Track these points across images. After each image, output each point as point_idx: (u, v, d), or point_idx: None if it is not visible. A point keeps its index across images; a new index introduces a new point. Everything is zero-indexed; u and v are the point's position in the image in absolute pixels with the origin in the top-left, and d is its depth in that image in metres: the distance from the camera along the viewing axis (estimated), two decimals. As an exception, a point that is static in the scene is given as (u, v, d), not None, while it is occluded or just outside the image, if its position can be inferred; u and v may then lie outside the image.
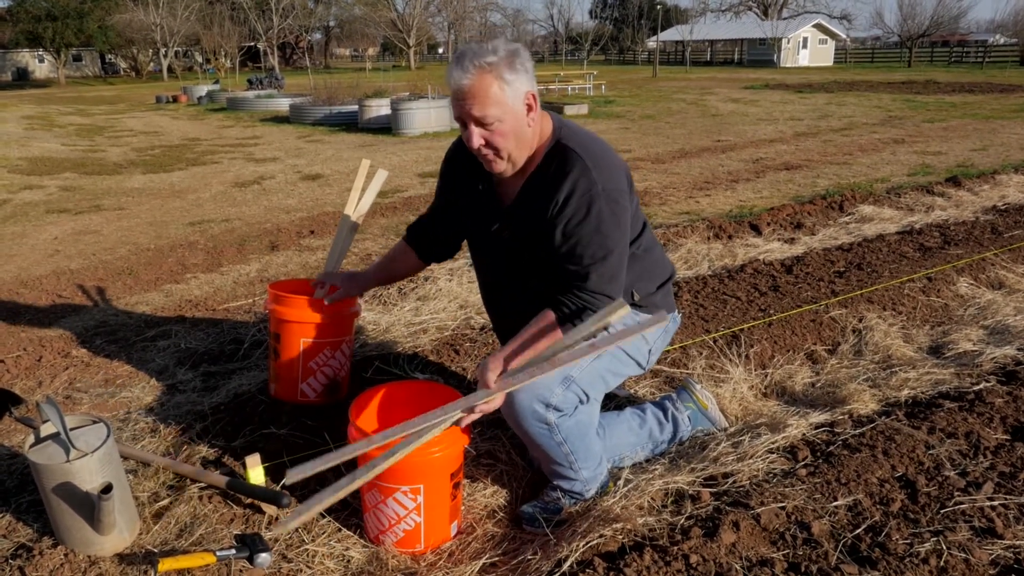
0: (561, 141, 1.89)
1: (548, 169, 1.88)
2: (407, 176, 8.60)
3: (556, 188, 1.84)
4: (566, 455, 2.00)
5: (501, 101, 1.77)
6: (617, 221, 1.85)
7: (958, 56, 45.78)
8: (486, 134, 1.81)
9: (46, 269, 5.00)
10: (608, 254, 1.84)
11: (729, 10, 65.66)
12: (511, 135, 1.81)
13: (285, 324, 2.55)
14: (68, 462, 1.85)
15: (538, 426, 1.93)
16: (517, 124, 1.81)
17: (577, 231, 1.82)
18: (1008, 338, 3.19)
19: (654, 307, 2.12)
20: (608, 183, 1.84)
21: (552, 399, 1.90)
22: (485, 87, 1.75)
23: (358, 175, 2.70)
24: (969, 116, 13.85)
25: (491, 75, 1.75)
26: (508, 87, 1.77)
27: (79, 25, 45.94)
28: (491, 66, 1.74)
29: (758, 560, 1.76)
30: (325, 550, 1.99)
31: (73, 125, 16.67)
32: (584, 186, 1.82)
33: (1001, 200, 6.06)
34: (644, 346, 2.12)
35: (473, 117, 1.78)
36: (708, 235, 5.12)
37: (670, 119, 14.62)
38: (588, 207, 1.81)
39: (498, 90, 1.76)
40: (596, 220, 1.82)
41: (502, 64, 1.75)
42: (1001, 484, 2.03)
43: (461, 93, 1.77)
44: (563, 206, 1.82)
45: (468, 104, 1.77)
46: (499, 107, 1.77)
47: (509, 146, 1.83)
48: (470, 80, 1.74)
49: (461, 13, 57.93)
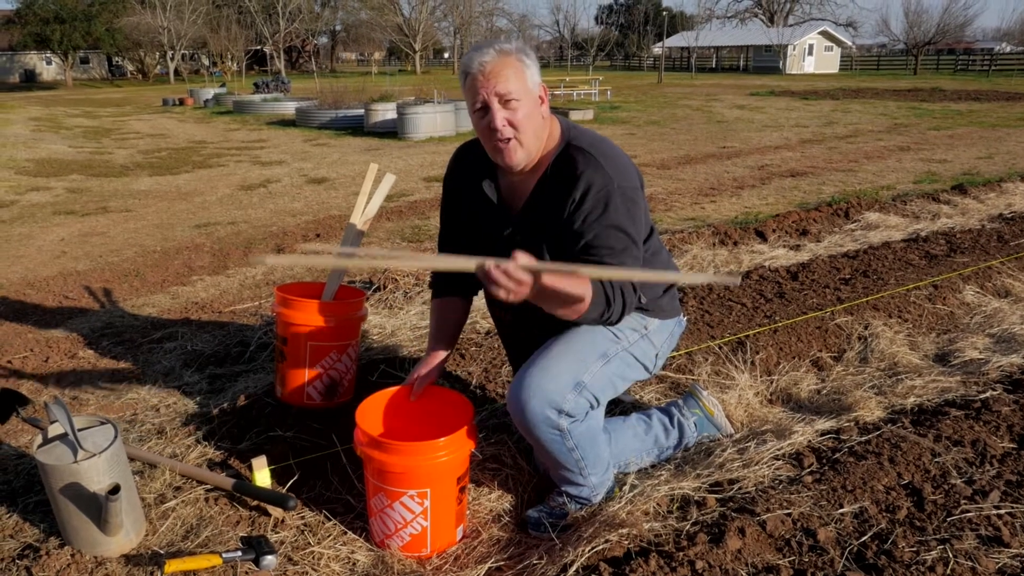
0: (571, 143, 1.91)
1: (560, 171, 1.89)
2: (413, 180, 8.62)
3: (571, 187, 1.85)
4: (577, 461, 2.00)
5: (522, 80, 1.82)
6: (633, 217, 1.87)
7: (964, 64, 45.79)
8: (508, 114, 1.83)
9: (53, 270, 5.02)
10: (626, 247, 1.86)
11: (735, 17, 65.78)
12: (529, 120, 1.85)
13: (292, 327, 2.56)
14: (76, 463, 1.86)
15: (551, 432, 1.92)
16: (533, 110, 1.86)
17: (595, 226, 1.84)
18: (1015, 346, 3.19)
19: (660, 311, 2.12)
20: (622, 180, 1.86)
21: (565, 405, 1.90)
22: (507, 64, 1.81)
23: (366, 179, 2.70)
24: (975, 124, 13.84)
25: (512, 56, 1.82)
26: (527, 69, 1.83)
27: (87, 28, 46.22)
28: (511, 50, 1.83)
29: (764, 567, 1.76)
30: (331, 553, 1.99)
31: (80, 127, 16.75)
32: (600, 182, 1.83)
33: (1007, 208, 6.05)
34: (651, 350, 2.12)
35: (497, 94, 1.81)
36: (713, 241, 5.12)
37: (675, 125, 14.63)
38: (606, 202, 1.83)
39: (520, 69, 1.82)
40: (614, 214, 1.83)
41: (520, 50, 1.84)
42: (1008, 492, 2.03)
43: (484, 72, 1.81)
44: (580, 203, 1.84)
45: (492, 82, 1.80)
46: (520, 85, 1.82)
47: (528, 130, 1.86)
48: (492, 58, 1.81)
49: (467, 18, 58.09)
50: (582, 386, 1.93)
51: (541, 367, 1.90)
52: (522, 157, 1.89)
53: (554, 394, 1.88)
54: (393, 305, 3.89)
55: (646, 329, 2.09)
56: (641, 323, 2.09)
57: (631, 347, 2.05)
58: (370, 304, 3.90)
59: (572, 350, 1.95)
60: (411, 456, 1.88)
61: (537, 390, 1.87)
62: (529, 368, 1.91)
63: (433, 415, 2.15)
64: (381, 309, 3.85)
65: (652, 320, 2.11)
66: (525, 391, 1.88)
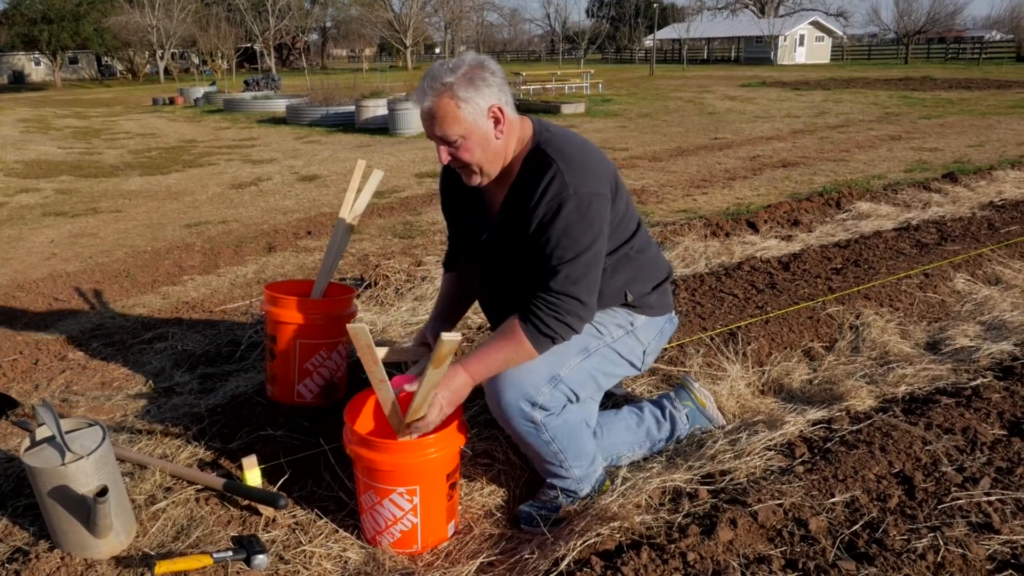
0: (540, 146, 1.90)
1: (524, 175, 1.90)
2: (404, 176, 8.60)
3: (532, 192, 1.86)
4: (555, 453, 2.01)
5: (460, 119, 1.80)
6: (589, 224, 1.84)
7: (954, 52, 45.87)
8: (452, 151, 1.86)
9: (42, 272, 4.99)
10: (576, 256, 1.84)
11: (726, 8, 65.69)
12: (477, 149, 1.85)
13: (281, 325, 2.55)
14: (63, 465, 1.84)
15: (525, 424, 1.94)
16: (483, 139, 1.84)
17: (547, 232, 1.84)
18: (1005, 333, 3.19)
19: (648, 308, 2.11)
20: (581, 186, 1.83)
21: (539, 398, 1.92)
22: (443, 108, 1.79)
23: (354, 175, 2.70)
24: (966, 112, 13.86)
25: (447, 96, 1.78)
26: (467, 104, 1.79)
27: (75, 27, 45.94)
28: (447, 87, 1.78)
29: (756, 558, 1.76)
30: (322, 551, 1.98)
31: (69, 128, 16.66)
32: (555, 188, 1.82)
33: (998, 196, 6.07)
34: (638, 347, 2.11)
35: (436, 137, 1.84)
36: (705, 233, 5.11)
37: (667, 117, 14.62)
38: (558, 208, 1.82)
39: (455, 110, 1.79)
40: (564, 222, 1.82)
41: (460, 84, 1.78)
42: (998, 479, 2.03)
43: (424, 116, 1.84)
44: (535, 208, 1.84)
45: (431, 126, 1.84)
46: (459, 125, 1.81)
47: (476, 160, 1.86)
48: (430, 103, 1.80)
49: (458, 13, 57.90)
50: (558, 380, 1.94)
51: None
52: (478, 179, 1.92)
53: (528, 387, 1.91)
54: (384, 302, 3.88)
55: (632, 325, 2.09)
56: (627, 319, 2.08)
57: (614, 343, 2.05)
58: (360, 301, 3.88)
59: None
60: (400, 454, 1.88)
61: (512, 382, 1.91)
62: None
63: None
64: (372, 306, 3.84)
65: (639, 316, 2.10)
66: (500, 382, 1.92)
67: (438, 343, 1.71)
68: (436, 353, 1.74)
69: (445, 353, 1.74)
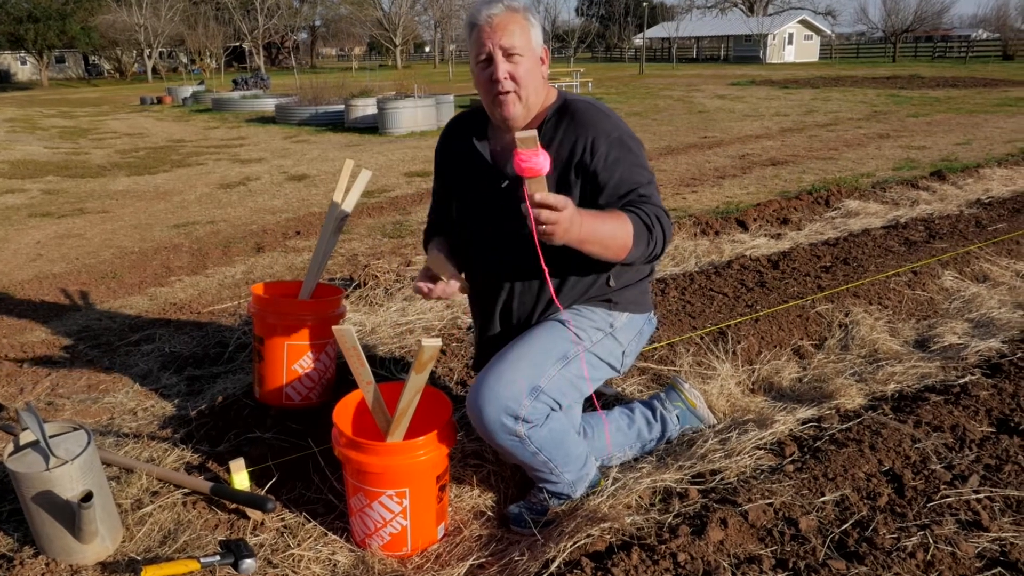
0: (568, 99, 1.99)
1: (561, 120, 1.95)
2: (394, 176, 8.57)
3: (578, 133, 1.91)
4: (544, 463, 1.98)
5: (527, 37, 1.88)
6: (644, 159, 1.95)
7: (942, 51, 46.16)
8: (510, 67, 1.88)
9: (28, 274, 4.95)
10: (651, 181, 1.93)
11: (715, 7, 65.88)
12: (530, 76, 1.90)
13: (269, 327, 2.53)
14: (48, 470, 1.82)
15: (510, 439, 1.89)
16: (534, 66, 1.91)
17: (618, 166, 1.89)
18: (992, 331, 3.21)
19: (628, 303, 2.09)
20: (625, 129, 1.96)
21: (520, 411, 1.86)
22: (514, 20, 1.86)
23: (342, 175, 2.68)
24: (953, 110, 13.95)
25: (519, 13, 1.88)
26: (533, 29, 1.90)
27: (61, 26, 45.53)
28: (518, 7, 1.88)
29: (746, 557, 1.76)
30: (311, 554, 1.97)
31: (56, 127, 16.52)
32: (608, 127, 1.92)
33: (985, 193, 6.10)
34: (617, 348, 2.09)
35: (502, 47, 1.86)
36: (695, 231, 5.12)
37: (657, 116, 14.64)
38: (620, 144, 1.91)
39: (525, 25, 1.88)
40: (632, 154, 1.92)
41: (528, 9, 1.90)
42: (987, 477, 2.04)
43: (491, 24, 1.86)
44: (593, 148, 1.90)
45: (498, 34, 1.85)
46: (524, 41, 1.87)
47: (528, 86, 1.90)
48: (500, 12, 1.86)
49: (447, 12, 57.74)
50: (539, 391, 1.90)
51: (496, 373, 1.88)
52: (519, 111, 1.92)
53: (509, 401, 1.85)
54: (373, 302, 3.86)
55: (611, 327, 2.06)
56: (606, 320, 2.06)
57: (594, 347, 2.03)
58: (349, 301, 3.87)
59: (528, 354, 1.92)
60: (389, 456, 1.87)
61: (492, 397, 1.85)
62: (485, 375, 1.90)
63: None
64: (361, 307, 3.82)
65: (619, 316, 2.08)
66: (480, 398, 1.87)
67: (419, 349, 1.72)
68: (418, 359, 1.75)
69: (427, 359, 1.74)
